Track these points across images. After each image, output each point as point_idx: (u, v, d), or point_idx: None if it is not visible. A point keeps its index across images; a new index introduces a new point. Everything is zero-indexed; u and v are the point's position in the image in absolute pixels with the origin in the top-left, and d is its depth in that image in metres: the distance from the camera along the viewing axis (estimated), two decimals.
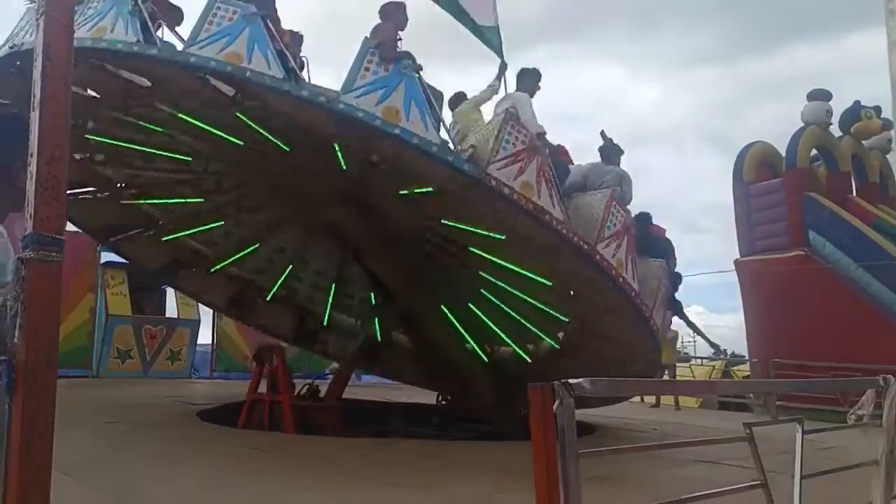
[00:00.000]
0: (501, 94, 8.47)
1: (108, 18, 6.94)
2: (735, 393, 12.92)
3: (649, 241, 9.60)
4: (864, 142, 16.60)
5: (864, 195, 16.17)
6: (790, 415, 8.91)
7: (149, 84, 7.52)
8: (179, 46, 7.01)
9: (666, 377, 14.83)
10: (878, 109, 16.21)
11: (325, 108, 6.65)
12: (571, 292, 8.67)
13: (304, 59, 7.56)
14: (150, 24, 7.05)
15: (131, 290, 14.76)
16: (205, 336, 16.02)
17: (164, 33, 7.57)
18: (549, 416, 3.00)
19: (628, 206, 8.46)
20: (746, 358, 18.26)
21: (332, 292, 11.44)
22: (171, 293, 15.25)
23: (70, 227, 14.07)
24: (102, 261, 14.82)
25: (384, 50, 6.89)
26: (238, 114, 7.56)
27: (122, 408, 10.09)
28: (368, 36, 7.05)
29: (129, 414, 9.49)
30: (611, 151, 9.19)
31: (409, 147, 6.62)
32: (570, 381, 3.09)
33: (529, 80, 8.46)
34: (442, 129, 7.28)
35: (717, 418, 11.83)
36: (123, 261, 15.04)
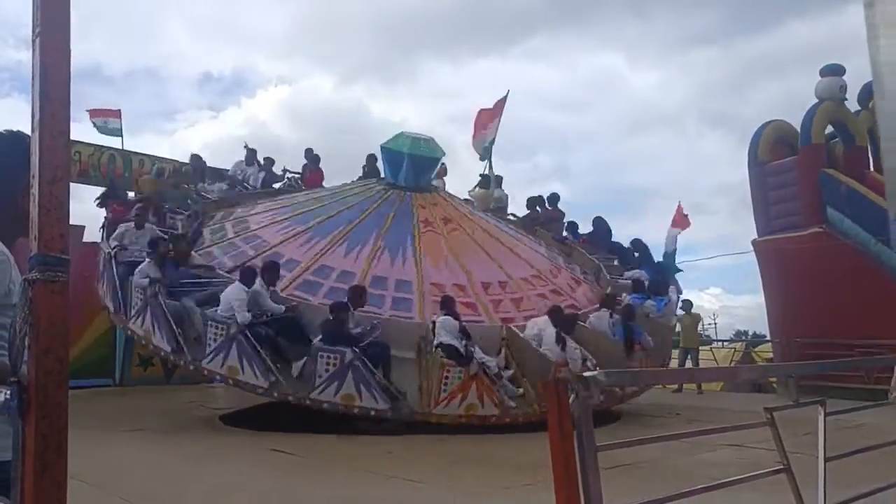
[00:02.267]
0: None
1: None
2: (755, 377, 12.79)
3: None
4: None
5: (881, 169, 15.94)
6: (816, 393, 8.85)
7: None
8: None
9: (689, 361, 14.87)
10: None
11: None
12: None
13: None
14: None
15: None
16: None
17: None
18: (565, 411, 2.99)
19: None
20: (768, 338, 18.11)
21: None
22: None
23: (87, 237, 14.24)
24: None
25: None
26: None
27: (145, 415, 10.18)
28: None
29: (152, 421, 9.58)
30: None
31: None
32: (586, 374, 3.07)
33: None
34: None
35: (740, 401, 11.74)
36: None
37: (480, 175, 16.83)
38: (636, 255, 13.50)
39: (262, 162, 14.99)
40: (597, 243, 14.13)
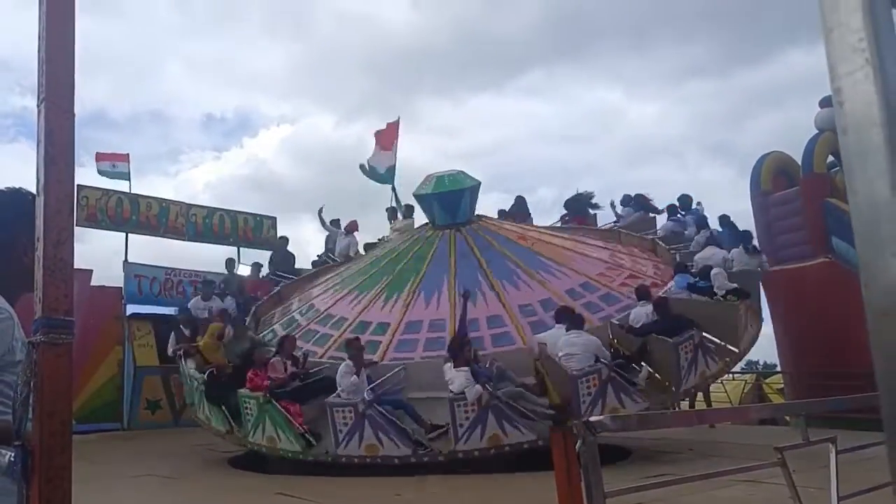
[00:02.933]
0: None
1: None
2: (767, 416, 12.67)
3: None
4: None
5: None
6: (828, 425, 8.77)
7: None
8: None
9: (700, 397, 14.77)
10: None
11: None
12: None
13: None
14: None
15: (157, 340, 14.88)
16: None
17: None
18: (573, 458, 2.97)
19: None
20: (778, 369, 17.95)
21: None
22: None
23: (94, 281, 14.30)
24: (128, 313, 14.98)
25: None
26: None
27: (153, 459, 10.13)
28: None
29: (161, 465, 9.52)
30: None
31: None
32: (592, 419, 3.06)
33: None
34: None
35: (753, 434, 11.60)
36: (148, 312, 15.24)
37: (388, 209, 16.26)
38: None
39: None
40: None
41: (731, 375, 22.00)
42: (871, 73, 0.60)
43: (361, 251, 14.82)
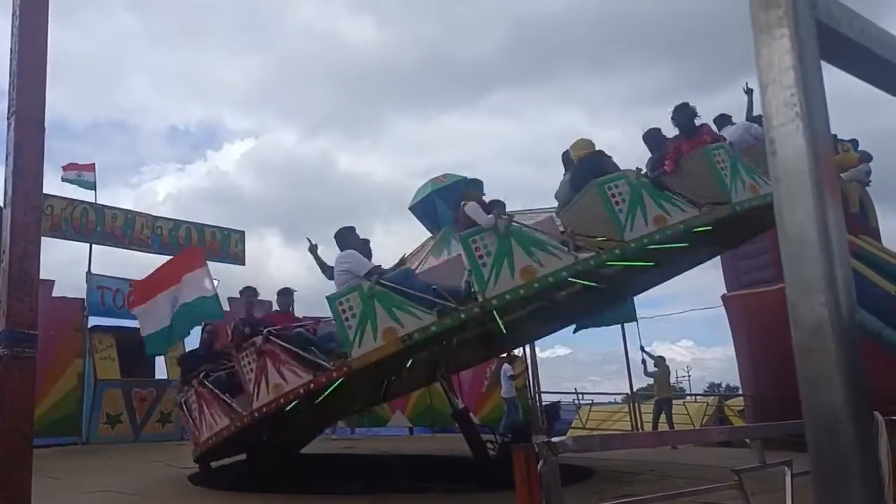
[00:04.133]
0: None
1: None
2: (726, 439, 12.89)
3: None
4: (842, 174, 16.85)
5: (846, 226, 16.32)
6: (787, 447, 8.91)
7: None
8: None
9: (663, 414, 14.99)
10: (854, 143, 16.48)
11: None
12: None
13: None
14: None
15: (120, 352, 14.66)
16: None
17: None
18: (534, 478, 3.01)
19: None
20: (740, 392, 18.23)
21: None
22: None
23: (56, 292, 14.07)
24: (90, 325, 14.74)
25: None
26: None
27: (112, 474, 9.95)
28: None
29: (120, 481, 9.35)
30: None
31: None
32: (554, 440, 3.10)
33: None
34: None
35: (714, 455, 11.74)
36: (111, 324, 15.02)
37: None
38: None
39: None
40: None
41: (693, 397, 22.30)
42: (801, 126, 0.65)
43: None
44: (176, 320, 10.87)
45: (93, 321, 14.80)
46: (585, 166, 8.46)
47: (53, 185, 16.16)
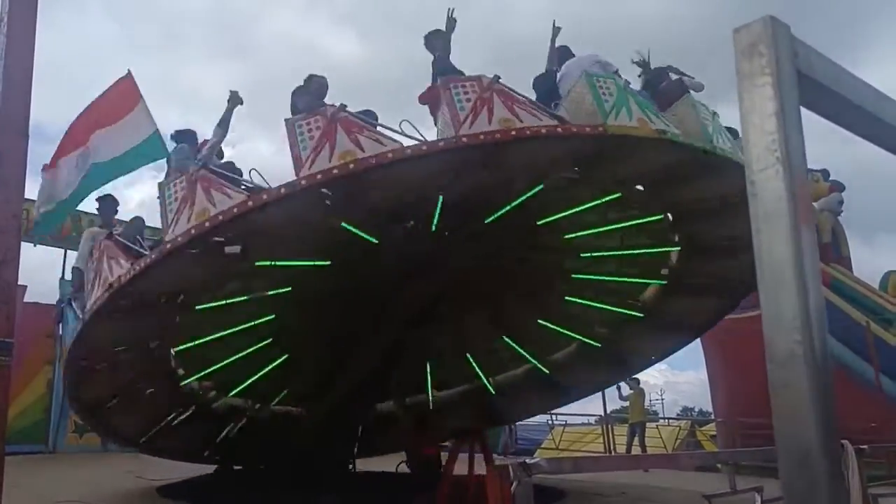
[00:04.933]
0: None
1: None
2: (698, 464, 13.00)
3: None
4: (814, 203, 17.13)
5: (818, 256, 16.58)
6: (758, 473, 9.00)
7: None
8: None
9: (636, 436, 15.06)
10: (825, 173, 16.80)
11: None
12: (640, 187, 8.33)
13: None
14: None
15: None
16: None
17: None
18: (508, 497, 3.02)
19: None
20: (713, 417, 18.36)
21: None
22: None
23: (28, 297, 13.88)
24: (60, 332, 14.54)
25: None
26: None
27: (79, 486, 9.78)
28: None
29: (86, 492, 9.20)
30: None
31: None
32: (528, 461, 3.12)
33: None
34: None
35: (685, 479, 11.81)
36: None
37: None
38: None
39: None
40: None
41: (666, 421, 22.41)
42: (780, 171, 0.68)
43: None
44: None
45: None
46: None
47: (30, 188, 15.97)
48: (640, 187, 8.29)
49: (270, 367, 9.80)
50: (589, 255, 9.68)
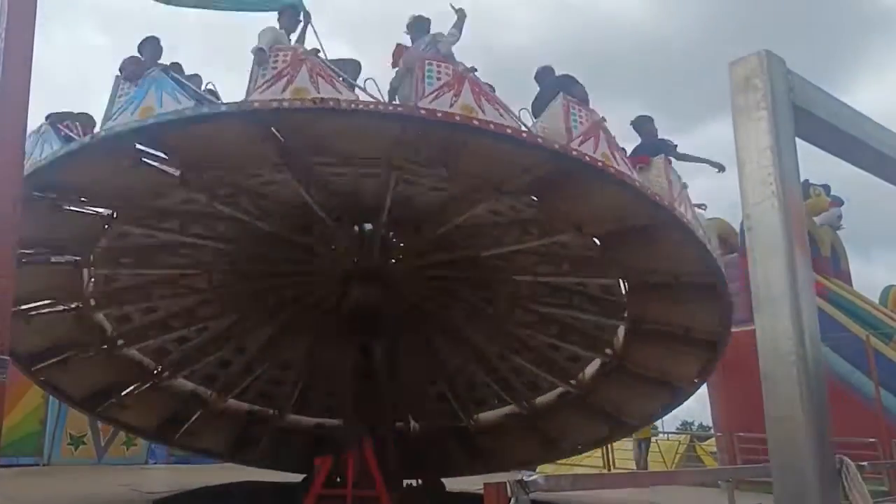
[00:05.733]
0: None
1: (148, 98, 6.81)
2: (698, 481, 12.93)
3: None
4: (814, 218, 17.13)
5: (817, 270, 16.57)
6: (759, 488, 8.93)
7: (178, 174, 7.37)
8: None
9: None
10: (826, 188, 16.83)
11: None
12: (596, 240, 8.29)
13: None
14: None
15: None
16: None
17: None
18: None
19: None
20: (712, 432, 18.28)
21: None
22: None
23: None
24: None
25: None
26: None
27: (74, 500, 9.74)
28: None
29: None
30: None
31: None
32: (525, 478, 3.10)
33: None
34: None
35: (686, 495, 11.77)
36: None
37: None
38: None
39: None
40: None
41: (666, 436, 22.29)
42: (776, 204, 0.68)
43: None
44: None
45: None
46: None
47: None
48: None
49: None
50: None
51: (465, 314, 10.07)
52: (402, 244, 9.22)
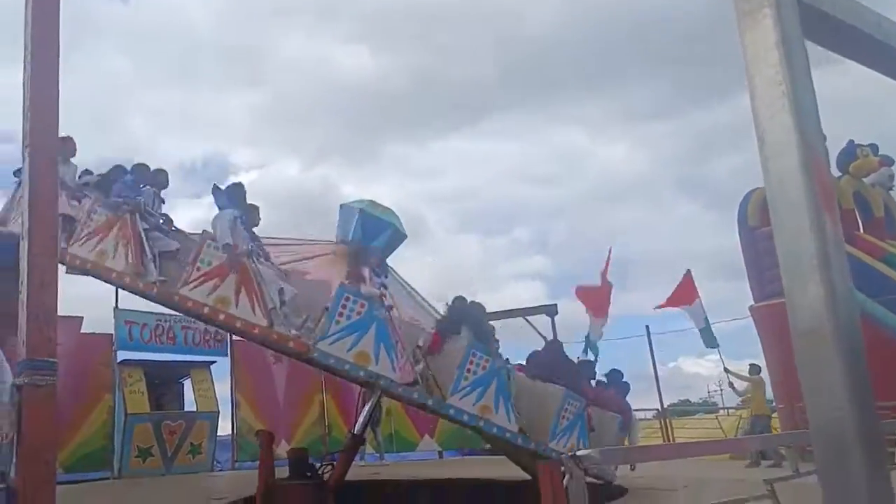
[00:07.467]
0: None
1: None
2: (749, 449, 12.64)
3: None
4: (864, 178, 16.63)
5: (871, 231, 16.10)
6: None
7: None
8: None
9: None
10: (874, 147, 16.31)
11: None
12: None
13: None
14: None
15: (149, 386, 14.76)
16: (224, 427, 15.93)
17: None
18: (560, 492, 2.96)
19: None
20: (773, 404, 17.91)
21: None
22: (188, 386, 15.30)
23: (85, 328, 14.24)
24: (119, 359, 14.85)
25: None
26: None
27: None
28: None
29: None
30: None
31: None
32: (579, 452, 3.06)
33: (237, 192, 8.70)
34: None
35: (746, 471, 11.56)
36: (141, 358, 15.13)
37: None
38: None
39: None
40: None
41: (726, 411, 21.93)
42: (786, 104, 0.64)
43: None
44: None
45: (121, 355, 14.90)
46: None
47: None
48: None
49: None
50: None
51: None
52: None
